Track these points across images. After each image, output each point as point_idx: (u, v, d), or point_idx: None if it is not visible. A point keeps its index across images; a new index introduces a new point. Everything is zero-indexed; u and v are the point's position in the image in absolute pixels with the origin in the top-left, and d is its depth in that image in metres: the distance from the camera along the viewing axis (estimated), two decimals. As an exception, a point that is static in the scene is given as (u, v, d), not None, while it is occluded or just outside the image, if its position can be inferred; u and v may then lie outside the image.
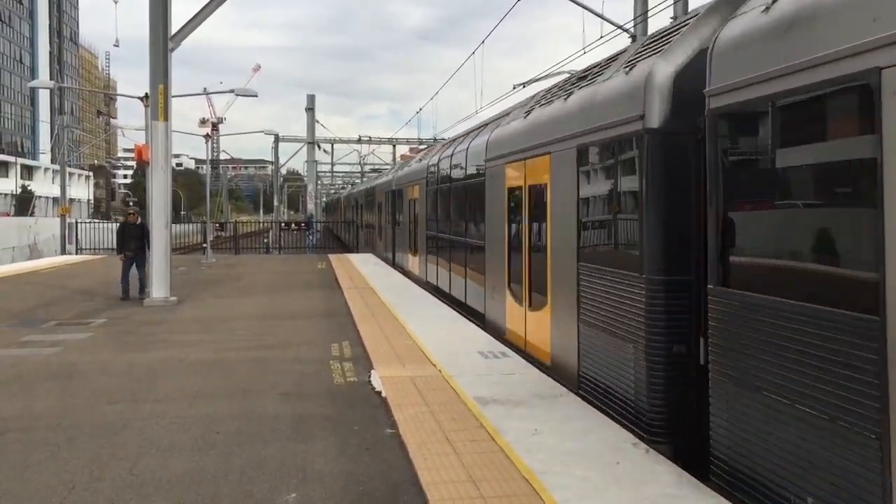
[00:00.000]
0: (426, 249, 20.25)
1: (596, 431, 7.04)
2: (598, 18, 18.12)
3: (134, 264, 17.90)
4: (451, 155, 17.07)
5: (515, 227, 11.40)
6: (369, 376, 9.44)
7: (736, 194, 5.58)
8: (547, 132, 9.89)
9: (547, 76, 16.35)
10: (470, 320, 13.81)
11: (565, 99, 9.64)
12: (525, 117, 11.30)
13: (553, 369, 9.43)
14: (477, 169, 14.28)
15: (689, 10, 16.00)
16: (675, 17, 15.53)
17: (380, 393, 8.60)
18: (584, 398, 8.34)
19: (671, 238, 6.96)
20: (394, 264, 26.90)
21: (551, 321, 9.58)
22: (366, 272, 24.11)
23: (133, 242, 17.91)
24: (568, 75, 13.16)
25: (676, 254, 6.93)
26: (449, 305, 15.95)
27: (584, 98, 8.80)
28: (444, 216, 17.85)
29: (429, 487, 5.73)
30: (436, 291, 18.45)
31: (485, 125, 16.09)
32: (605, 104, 8.12)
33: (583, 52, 16.18)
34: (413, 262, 23.00)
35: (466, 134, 17.65)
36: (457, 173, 16.39)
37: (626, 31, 18.21)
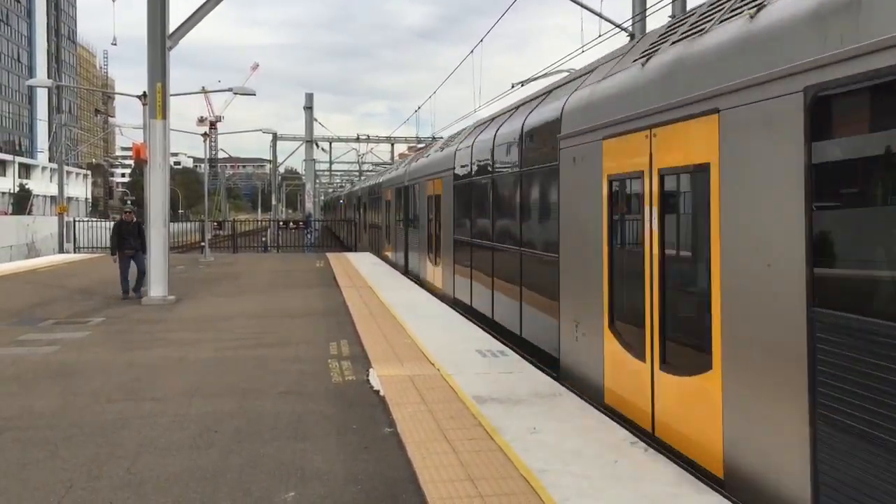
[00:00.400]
0: (453, 258, 16.44)
1: (595, 430, 7.04)
2: (597, 17, 18.10)
3: (133, 262, 17.95)
4: (493, 137, 13.08)
5: (628, 234, 7.79)
6: (368, 375, 9.44)
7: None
8: (718, 74, 5.94)
9: (545, 74, 16.35)
10: (527, 359, 10.27)
11: (753, 14, 5.70)
12: (644, 64, 7.47)
13: (735, 488, 5.67)
14: (541, 152, 10.45)
15: (688, 8, 16.01)
16: (672, 16, 15.52)
17: (378, 392, 8.60)
18: None
19: None
20: (406, 272, 23.46)
21: (726, 402, 5.77)
22: (364, 271, 24.10)
23: (132, 241, 18.01)
24: (567, 73, 13.13)
25: None
26: (492, 334, 12.23)
27: None
28: (481, 216, 13.84)
29: (427, 486, 5.73)
30: (467, 312, 14.76)
31: (531, 99, 12.51)
32: None
33: (581, 51, 16.17)
34: (434, 273, 18.98)
35: (512, 110, 13.49)
36: (503, 160, 12.50)
37: (625, 29, 18.21)
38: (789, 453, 5.04)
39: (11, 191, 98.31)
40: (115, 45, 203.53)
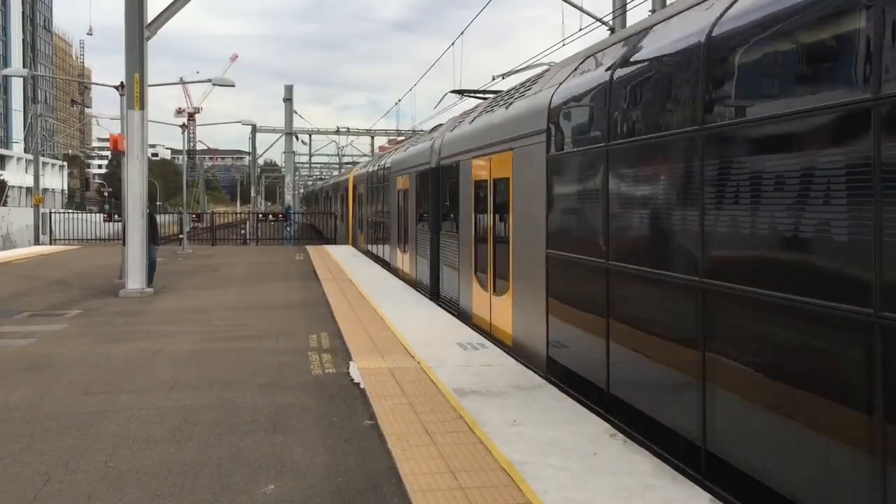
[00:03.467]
0: (548, 287, 9.09)
1: (574, 422, 7.07)
2: (578, 11, 18.14)
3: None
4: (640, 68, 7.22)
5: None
6: (348, 367, 9.43)
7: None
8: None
9: (527, 67, 16.37)
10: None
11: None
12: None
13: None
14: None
15: (668, 2, 16.07)
16: (653, 11, 15.58)
17: (358, 384, 8.59)
18: None
19: None
20: (436, 297, 16.09)
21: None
22: (343, 264, 24.05)
23: None
24: (548, 67, 13.15)
25: None
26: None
27: None
28: (623, 217, 7.27)
29: (408, 478, 5.73)
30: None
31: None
32: None
33: (562, 44, 16.20)
34: (502, 310, 11.14)
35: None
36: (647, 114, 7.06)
37: (605, 23, 18.26)
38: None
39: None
40: (91, 34, 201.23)
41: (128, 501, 5.39)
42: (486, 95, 16.78)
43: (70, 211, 45.38)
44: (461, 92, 18.19)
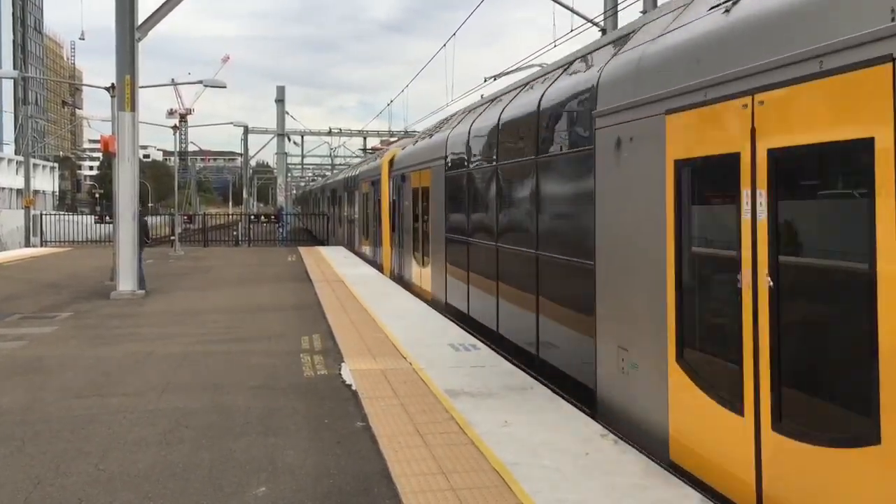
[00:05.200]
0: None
1: (565, 423, 7.08)
2: (569, 11, 18.17)
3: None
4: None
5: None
6: (340, 369, 9.42)
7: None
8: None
9: (518, 69, 16.40)
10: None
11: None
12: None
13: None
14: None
15: (659, 2, 16.11)
16: (644, 11, 15.60)
17: (350, 386, 8.59)
18: None
19: None
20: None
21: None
22: (335, 265, 24.03)
23: None
24: (539, 67, 13.19)
25: None
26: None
27: None
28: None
29: (399, 480, 5.74)
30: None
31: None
32: None
33: (553, 45, 16.24)
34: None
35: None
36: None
37: (596, 24, 18.30)
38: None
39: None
40: (83, 39, 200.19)
41: (119, 504, 5.38)
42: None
43: (61, 213, 45.22)
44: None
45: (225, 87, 29.62)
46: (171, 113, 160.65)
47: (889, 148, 3.97)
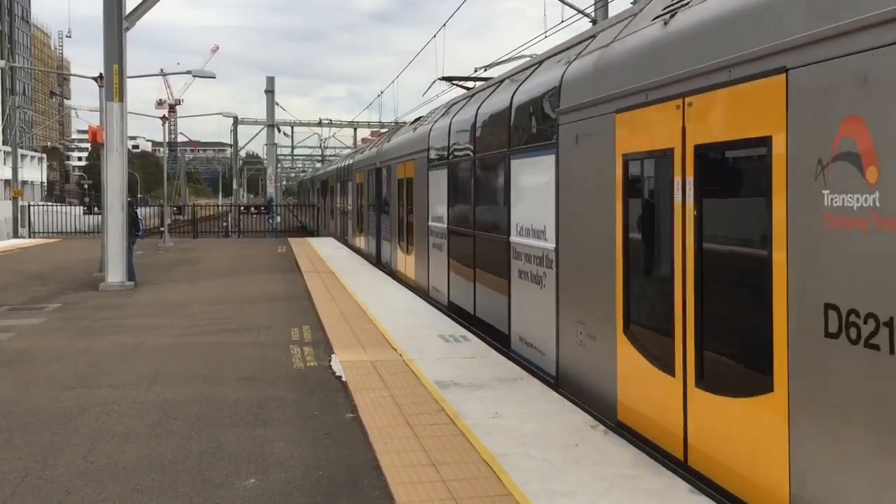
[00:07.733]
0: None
1: (555, 414, 7.10)
2: (559, 2, 18.14)
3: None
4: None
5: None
6: (330, 361, 9.41)
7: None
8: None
9: (509, 59, 16.36)
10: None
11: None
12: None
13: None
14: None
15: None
16: (634, 2, 15.58)
17: (340, 377, 8.57)
18: None
19: None
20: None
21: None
22: (325, 255, 23.98)
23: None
24: (529, 58, 13.14)
25: None
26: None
27: None
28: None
29: (389, 471, 5.74)
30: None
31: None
32: None
33: (544, 35, 16.21)
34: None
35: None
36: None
37: (587, 15, 18.28)
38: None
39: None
40: (70, 37, 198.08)
41: (107, 496, 5.35)
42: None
43: (49, 204, 44.96)
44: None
45: (214, 77, 29.47)
46: (160, 103, 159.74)
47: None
